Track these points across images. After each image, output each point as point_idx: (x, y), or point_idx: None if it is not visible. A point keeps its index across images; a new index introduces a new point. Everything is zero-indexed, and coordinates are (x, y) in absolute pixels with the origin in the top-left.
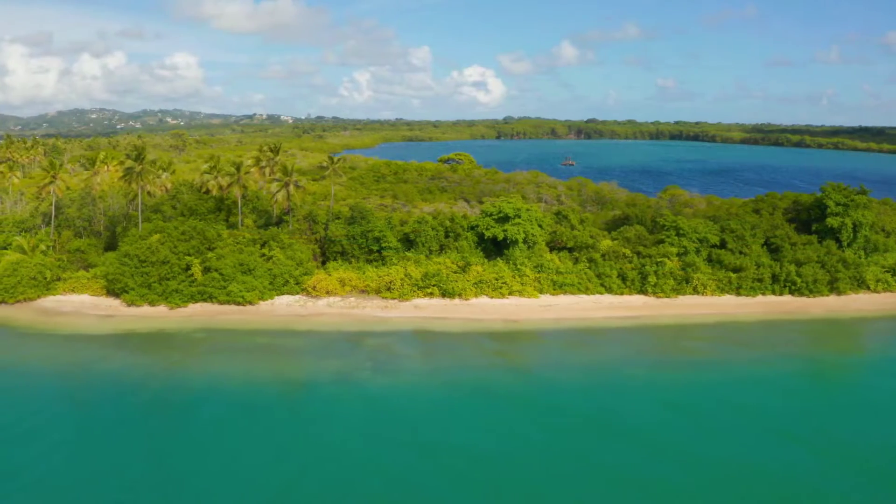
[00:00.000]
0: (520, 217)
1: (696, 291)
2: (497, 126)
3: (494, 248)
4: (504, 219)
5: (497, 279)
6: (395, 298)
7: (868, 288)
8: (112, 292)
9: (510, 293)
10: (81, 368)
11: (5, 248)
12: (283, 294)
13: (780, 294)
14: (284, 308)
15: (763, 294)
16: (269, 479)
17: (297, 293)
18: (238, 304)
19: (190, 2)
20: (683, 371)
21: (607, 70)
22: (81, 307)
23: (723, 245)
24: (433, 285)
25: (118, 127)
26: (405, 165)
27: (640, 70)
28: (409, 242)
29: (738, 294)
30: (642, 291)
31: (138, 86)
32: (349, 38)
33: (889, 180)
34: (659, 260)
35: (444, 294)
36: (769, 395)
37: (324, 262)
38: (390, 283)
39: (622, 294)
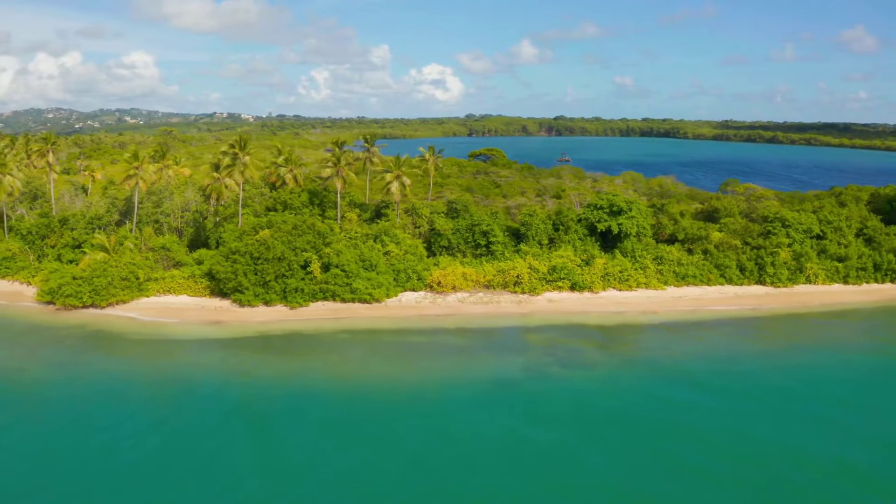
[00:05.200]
0: (631, 210)
1: (808, 280)
2: (468, 124)
3: (602, 241)
4: (618, 212)
5: (622, 272)
6: (524, 293)
7: None
8: (217, 292)
9: (637, 285)
10: (232, 378)
11: (79, 247)
12: (406, 290)
13: (882, 282)
14: (414, 305)
15: (867, 282)
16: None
17: (421, 289)
18: (364, 301)
19: (151, 0)
20: (852, 353)
21: (565, 68)
22: (186, 309)
23: (822, 236)
24: (562, 278)
25: (76, 126)
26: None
27: (598, 68)
28: (515, 236)
29: (846, 282)
30: (760, 281)
31: (95, 85)
32: (309, 36)
33: (880, 172)
34: (773, 251)
35: (573, 287)
36: None
37: (429, 257)
38: (518, 276)
39: (741, 284)
